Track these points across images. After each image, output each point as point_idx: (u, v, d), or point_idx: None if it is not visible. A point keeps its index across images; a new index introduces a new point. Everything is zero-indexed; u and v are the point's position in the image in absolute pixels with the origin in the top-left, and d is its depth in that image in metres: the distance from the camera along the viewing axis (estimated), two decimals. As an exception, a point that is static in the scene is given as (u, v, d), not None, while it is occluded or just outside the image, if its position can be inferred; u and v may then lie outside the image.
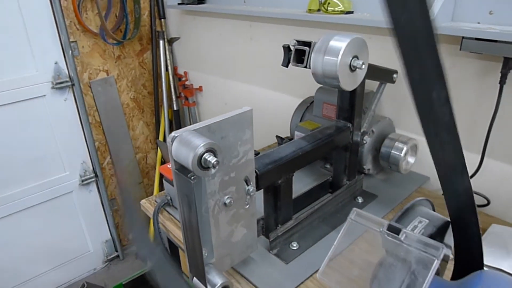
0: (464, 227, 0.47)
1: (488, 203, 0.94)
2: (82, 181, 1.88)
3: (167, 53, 1.87)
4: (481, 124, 0.89)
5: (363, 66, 0.65)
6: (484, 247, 0.48)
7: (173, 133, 0.52)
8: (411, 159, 0.98)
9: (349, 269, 0.62)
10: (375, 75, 0.88)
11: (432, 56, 0.37)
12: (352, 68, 0.66)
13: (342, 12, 1.01)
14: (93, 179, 1.91)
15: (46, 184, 1.79)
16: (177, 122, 1.99)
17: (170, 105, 1.97)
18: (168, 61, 1.88)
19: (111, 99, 1.90)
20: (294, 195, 0.84)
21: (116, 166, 2.00)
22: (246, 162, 0.63)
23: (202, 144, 0.48)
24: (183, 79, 1.89)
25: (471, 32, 0.76)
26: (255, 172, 0.66)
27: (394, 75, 0.93)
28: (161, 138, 1.98)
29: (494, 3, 0.79)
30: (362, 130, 0.91)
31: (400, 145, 0.94)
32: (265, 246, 0.79)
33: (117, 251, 2.13)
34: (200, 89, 1.85)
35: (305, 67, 0.68)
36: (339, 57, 0.63)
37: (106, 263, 2.11)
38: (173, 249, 1.06)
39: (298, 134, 1.04)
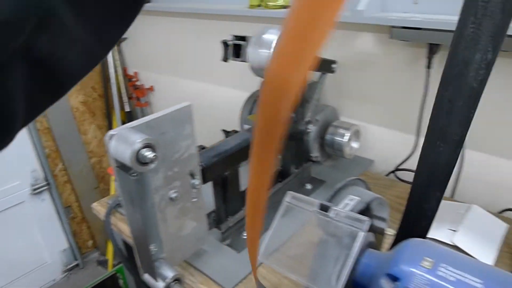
0: (424, 200, 0.50)
1: (426, 181, 1.01)
2: (34, 190, 1.81)
3: (116, 53, 1.84)
4: (414, 107, 0.96)
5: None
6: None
7: (110, 131, 0.53)
8: (355, 144, 1.03)
9: (295, 251, 0.65)
10: (317, 66, 0.92)
11: None
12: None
13: (282, 6, 1.04)
14: (45, 188, 1.84)
15: (-6, 195, 1.71)
16: (130, 123, 1.95)
17: (122, 107, 1.94)
18: (117, 62, 1.85)
19: (60, 103, 1.83)
20: (244, 187, 0.87)
21: (70, 172, 1.94)
22: (189, 157, 0.64)
23: (139, 140, 0.49)
24: (134, 79, 1.87)
25: (398, 21, 0.81)
26: (201, 165, 0.68)
27: (333, 65, 0.97)
28: (115, 140, 1.95)
29: (418, -7, 0.84)
30: (306, 119, 0.95)
31: (343, 131, 0.99)
32: (218, 238, 0.80)
33: (76, 260, 2.08)
34: (151, 89, 1.83)
35: (243, 60, 0.70)
36: (272, 49, 0.65)
37: (66, 273, 2.05)
38: (129, 250, 1.05)
39: (247, 128, 1.07)
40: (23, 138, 1.71)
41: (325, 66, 0.96)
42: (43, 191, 1.85)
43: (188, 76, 1.60)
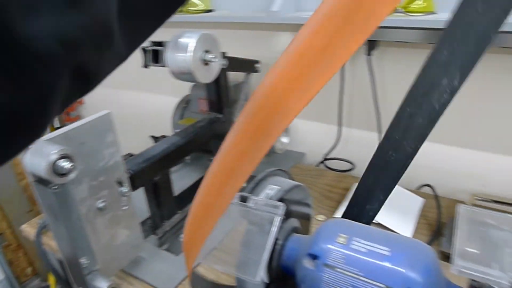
0: (368, 201, 0.53)
1: (353, 167, 1.08)
2: (-43, 221, 1.67)
3: (38, 68, 1.75)
4: (333, 98, 1.02)
5: (216, 59, 0.70)
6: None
7: (24, 146, 0.51)
8: (284, 139, 1.08)
9: (230, 245, 0.67)
10: (238, 66, 0.95)
11: None
12: (206, 62, 0.71)
13: (202, 10, 1.06)
14: (-29, 217, 1.71)
15: None
16: (62, 139, 1.87)
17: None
18: (41, 77, 1.76)
19: (-21, 125, 1.71)
20: (180, 190, 0.88)
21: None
22: (115, 164, 0.64)
23: (54, 151, 0.49)
24: (61, 93, 1.79)
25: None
26: (128, 172, 0.68)
27: (257, 65, 1.01)
28: (46, 159, 1.85)
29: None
30: (234, 120, 0.97)
31: (272, 128, 1.03)
32: (155, 243, 0.80)
33: (15, 290, 1.94)
34: (80, 102, 1.77)
35: (163, 65, 0.71)
36: (189, 52, 0.67)
37: (4, 306, 1.91)
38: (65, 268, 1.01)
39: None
40: None
41: (249, 66, 1.00)
42: (-32, 221, 1.71)
43: (118, 85, 1.57)
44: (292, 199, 0.58)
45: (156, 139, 0.87)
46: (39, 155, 0.49)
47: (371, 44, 0.88)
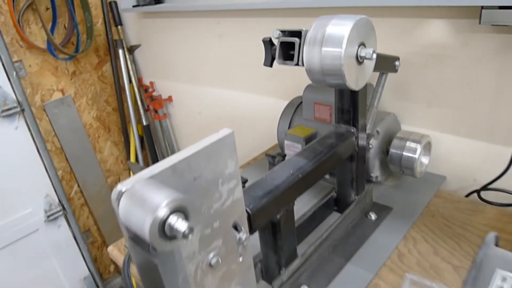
0: None
1: (520, 202, 0.80)
2: (48, 216, 1.66)
3: (129, 63, 1.68)
4: (510, 112, 0.75)
5: (374, 56, 0.49)
6: None
7: (119, 186, 0.35)
8: (425, 160, 0.83)
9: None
10: (377, 65, 0.72)
11: None
12: (360, 60, 0.49)
13: (324, -6, 0.85)
14: (60, 213, 1.69)
15: (7, 225, 1.57)
16: (148, 138, 1.79)
17: (139, 120, 1.78)
18: (131, 72, 1.69)
19: (71, 121, 1.69)
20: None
21: (86, 194, 1.79)
22: (233, 204, 0.45)
23: (164, 203, 0.31)
24: (150, 90, 1.70)
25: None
26: (246, 212, 0.49)
27: (396, 63, 0.77)
28: (132, 158, 1.79)
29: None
30: (367, 132, 0.75)
31: (413, 145, 0.79)
32: (267, 294, 0.62)
33: (98, 287, 1.92)
34: (169, 99, 1.66)
35: (297, 64, 0.51)
36: (343, 46, 0.46)
37: (88, 302, 1.90)
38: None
39: (288, 144, 0.88)
40: (33, 161, 1.56)
41: (386, 64, 0.76)
42: (58, 217, 1.70)
43: (210, 83, 1.42)
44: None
45: (273, 159, 0.68)
46: (141, 206, 0.32)
47: None
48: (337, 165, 0.69)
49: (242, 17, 1.14)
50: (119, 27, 1.65)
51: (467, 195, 0.84)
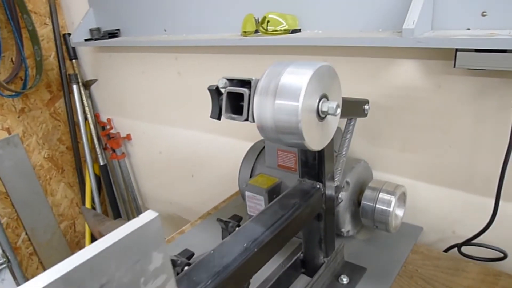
0: None
1: (505, 257, 0.72)
2: (-11, 270, 1.48)
3: (84, 98, 1.56)
4: (489, 160, 0.69)
5: (338, 111, 0.41)
6: None
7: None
8: (400, 212, 0.75)
9: None
10: (343, 111, 0.65)
11: None
12: (321, 115, 0.41)
13: (286, 31, 0.78)
14: (4, 265, 1.51)
15: None
16: (106, 178, 1.66)
17: (95, 159, 1.65)
18: (87, 108, 1.57)
19: (18, 162, 1.53)
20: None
21: (35, 242, 1.62)
22: (163, 305, 0.35)
23: None
24: (108, 127, 1.58)
25: (467, 41, 0.55)
26: (186, 305, 0.39)
27: (366, 106, 0.70)
28: (87, 200, 1.64)
29: (487, 2, 0.59)
30: (335, 184, 0.67)
31: (387, 197, 0.71)
32: None
33: None
34: (128, 137, 1.54)
35: (246, 119, 0.43)
36: (300, 99, 0.38)
37: None
38: None
39: (250, 196, 0.78)
40: (-29, 209, 1.40)
41: (355, 108, 0.69)
42: (1, 269, 1.51)
43: (170, 122, 1.32)
44: None
45: (225, 225, 0.57)
46: None
47: None
48: (301, 228, 0.60)
49: (199, 52, 1.07)
50: (73, 61, 1.54)
51: (447, 250, 0.76)
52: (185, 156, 1.32)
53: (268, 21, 0.77)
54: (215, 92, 0.47)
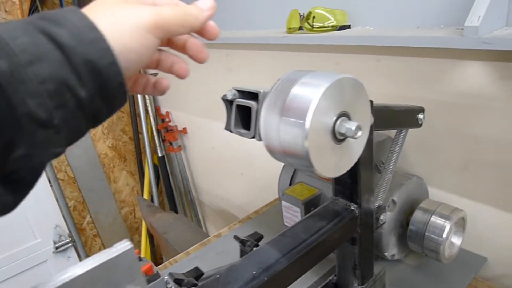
0: None
1: None
2: (57, 248, 1.60)
3: (146, 91, 1.61)
4: None
5: (359, 133, 0.34)
6: None
7: None
8: (456, 240, 0.65)
9: None
10: (391, 121, 0.56)
11: None
12: (339, 137, 0.34)
13: (334, 27, 0.71)
14: (69, 244, 1.63)
15: (15, 255, 1.53)
16: (163, 169, 1.70)
17: (154, 151, 1.70)
18: (148, 101, 1.62)
19: (85, 150, 1.64)
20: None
21: (98, 225, 1.72)
22: None
23: None
24: (166, 120, 1.62)
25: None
26: None
27: (420, 116, 0.61)
28: (145, 189, 1.70)
29: None
30: (376, 205, 0.59)
31: (440, 221, 0.61)
32: None
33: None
34: (184, 131, 1.56)
35: (253, 137, 0.37)
36: (308, 117, 0.32)
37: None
38: None
39: (286, 206, 0.73)
40: (43, 191, 1.52)
41: (407, 118, 0.60)
42: (68, 248, 1.64)
43: (222, 118, 1.30)
44: None
45: (242, 243, 0.52)
46: None
47: None
48: (327, 255, 0.53)
49: (247, 49, 1.02)
50: (137, 55, 1.59)
51: (515, 288, 0.64)
52: (235, 153, 1.30)
53: (314, 17, 0.70)
54: (228, 102, 0.42)
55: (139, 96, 1.61)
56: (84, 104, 0.24)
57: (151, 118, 1.63)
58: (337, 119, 0.34)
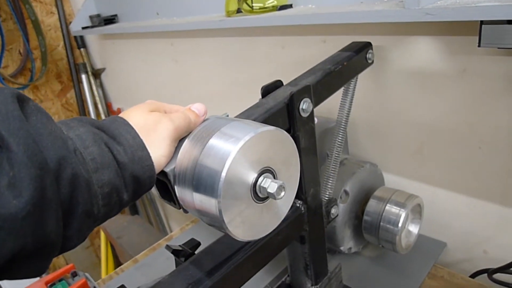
0: None
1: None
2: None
3: (94, 88, 1.51)
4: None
5: (281, 194, 0.29)
6: None
7: None
8: (414, 228, 0.61)
9: None
10: (337, 82, 0.51)
11: None
12: (261, 195, 0.30)
13: (274, 8, 0.65)
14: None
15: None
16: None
17: (109, 151, 1.60)
18: (97, 98, 1.52)
19: (32, 154, 1.52)
20: None
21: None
22: None
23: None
24: (119, 117, 1.52)
25: (495, 10, 0.39)
26: None
27: (369, 54, 0.56)
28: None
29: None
30: (326, 198, 0.54)
31: (395, 209, 0.57)
32: None
33: None
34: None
35: (179, 208, 0.33)
36: (219, 192, 0.27)
37: None
38: None
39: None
40: None
41: (353, 67, 0.55)
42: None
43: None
44: None
45: (177, 255, 0.45)
46: None
47: None
48: (272, 258, 0.48)
49: (191, 37, 0.96)
50: (82, 49, 1.48)
51: (474, 274, 0.61)
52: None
53: (252, -3, 0.64)
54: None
55: (87, 92, 1.51)
56: (124, 203, 0.30)
57: (102, 116, 1.53)
58: (259, 175, 0.29)
